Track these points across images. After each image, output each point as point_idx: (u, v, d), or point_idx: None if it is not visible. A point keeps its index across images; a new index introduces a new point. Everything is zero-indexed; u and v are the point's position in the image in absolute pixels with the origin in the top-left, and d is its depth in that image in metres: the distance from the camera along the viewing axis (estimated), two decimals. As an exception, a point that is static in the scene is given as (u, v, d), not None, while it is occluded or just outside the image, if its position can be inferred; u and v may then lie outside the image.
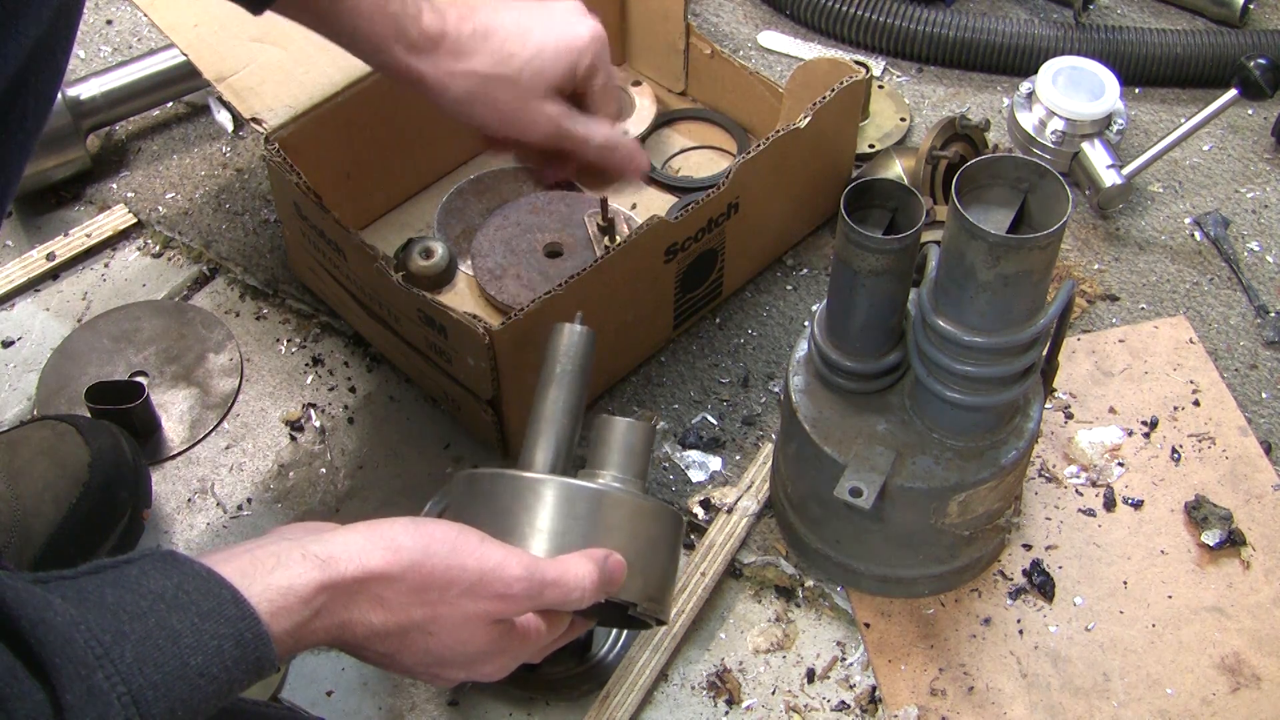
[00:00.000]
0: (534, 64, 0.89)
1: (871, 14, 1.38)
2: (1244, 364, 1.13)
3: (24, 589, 0.55)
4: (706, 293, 1.13)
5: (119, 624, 0.56)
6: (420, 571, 0.67)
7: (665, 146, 1.29)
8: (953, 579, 0.98)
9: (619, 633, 0.97)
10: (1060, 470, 1.05)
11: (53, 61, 0.74)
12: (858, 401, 0.91)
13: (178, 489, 1.06)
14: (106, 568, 0.60)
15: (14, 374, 1.14)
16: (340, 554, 0.65)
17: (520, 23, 0.90)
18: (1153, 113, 1.35)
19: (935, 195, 1.16)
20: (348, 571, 0.64)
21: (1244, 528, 1.02)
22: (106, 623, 0.56)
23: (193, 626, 0.58)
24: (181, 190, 1.26)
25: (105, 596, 0.58)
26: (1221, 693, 0.94)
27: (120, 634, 0.56)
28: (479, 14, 0.89)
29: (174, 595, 0.59)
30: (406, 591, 0.67)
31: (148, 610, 0.58)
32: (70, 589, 0.58)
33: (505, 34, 0.89)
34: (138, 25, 1.41)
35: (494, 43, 0.88)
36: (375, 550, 0.66)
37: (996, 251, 0.77)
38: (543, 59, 0.89)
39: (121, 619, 0.57)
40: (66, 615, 0.55)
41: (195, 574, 0.60)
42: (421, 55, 0.87)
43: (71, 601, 0.57)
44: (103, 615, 0.57)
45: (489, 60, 0.88)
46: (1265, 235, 1.24)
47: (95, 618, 0.56)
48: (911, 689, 0.94)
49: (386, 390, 1.12)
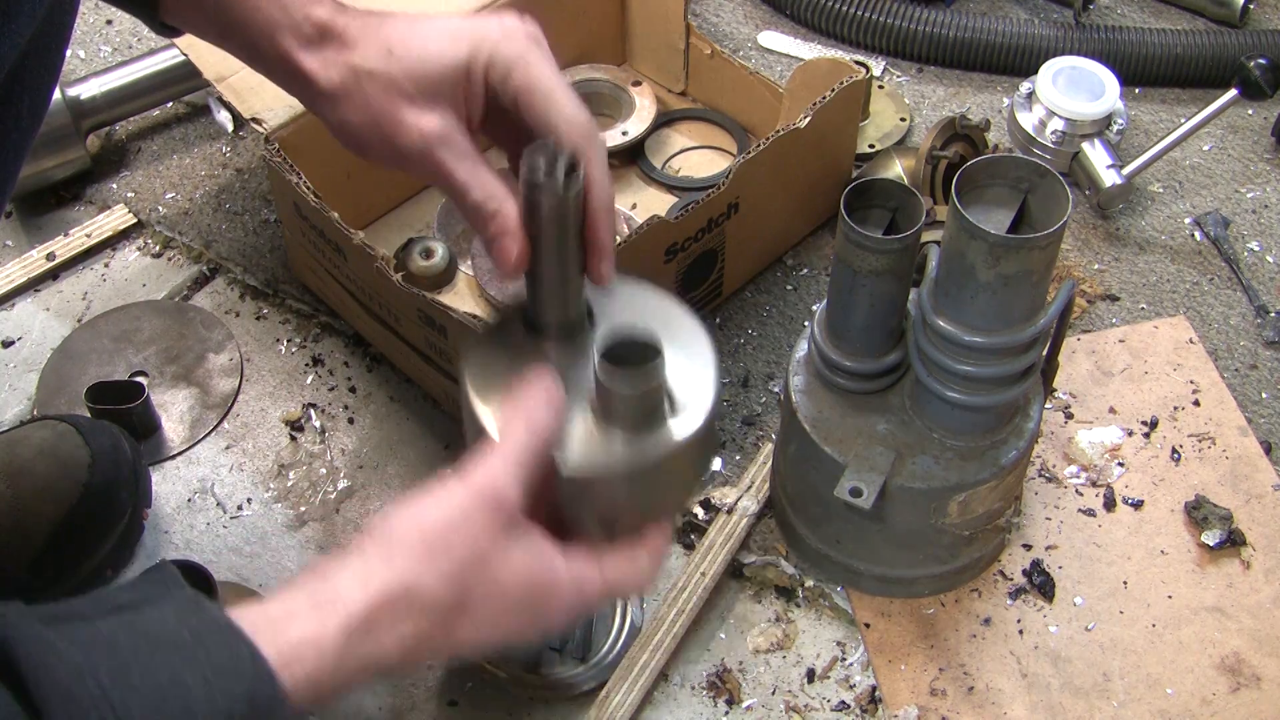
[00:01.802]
0: (414, 57, 0.72)
1: (871, 14, 1.38)
2: (1244, 364, 1.13)
3: (30, 633, 0.53)
4: (706, 293, 1.13)
5: (128, 676, 0.54)
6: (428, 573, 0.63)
7: (665, 146, 1.29)
8: (953, 579, 0.98)
9: (619, 633, 0.97)
10: (1060, 470, 1.05)
11: (48, 59, 0.74)
12: (858, 401, 0.91)
13: (178, 489, 1.06)
14: (125, 608, 0.57)
15: (14, 374, 1.14)
16: (345, 591, 0.61)
17: (416, 20, 0.74)
18: (1153, 113, 1.35)
19: (935, 195, 1.16)
20: (355, 608, 0.61)
21: (1244, 528, 1.02)
22: (115, 673, 0.54)
23: (204, 682, 0.55)
24: (181, 190, 1.26)
25: (119, 641, 0.55)
26: (1221, 693, 0.94)
27: (129, 687, 0.54)
28: (386, 14, 0.76)
29: (191, 647, 0.56)
30: (420, 596, 0.63)
31: (160, 663, 0.55)
32: (84, 632, 0.55)
33: (394, 28, 0.74)
34: (138, 25, 1.40)
35: (379, 34, 0.74)
36: (375, 573, 0.62)
37: (996, 251, 0.77)
38: (425, 52, 0.72)
39: (131, 671, 0.54)
40: (72, 664, 0.53)
41: (216, 626, 0.57)
42: (308, 47, 0.74)
43: (82, 645, 0.54)
44: (113, 663, 0.54)
45: (367, 52, 0.73)
46: (1265, 235, 1.24)
47: (105, 666, 0.54)
48: (911, 689, 0.94)
49: (386, 390, 1.12)
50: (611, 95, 1.29)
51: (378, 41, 0.73)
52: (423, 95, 0.72)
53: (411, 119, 0.72)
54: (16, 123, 0.73)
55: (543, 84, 0.72)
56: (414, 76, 0.72)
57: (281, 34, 0.74)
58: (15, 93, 0.71)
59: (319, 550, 1.02)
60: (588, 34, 1.29)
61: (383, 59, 0.72)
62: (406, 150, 0.73)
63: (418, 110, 0.72)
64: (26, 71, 0.71)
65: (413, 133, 0.72)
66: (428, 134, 0.72)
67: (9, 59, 0.67)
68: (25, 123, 0.74)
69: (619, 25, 1.31)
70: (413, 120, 0.72)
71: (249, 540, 1.03)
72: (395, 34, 0.73)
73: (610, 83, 1.29)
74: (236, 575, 1.01)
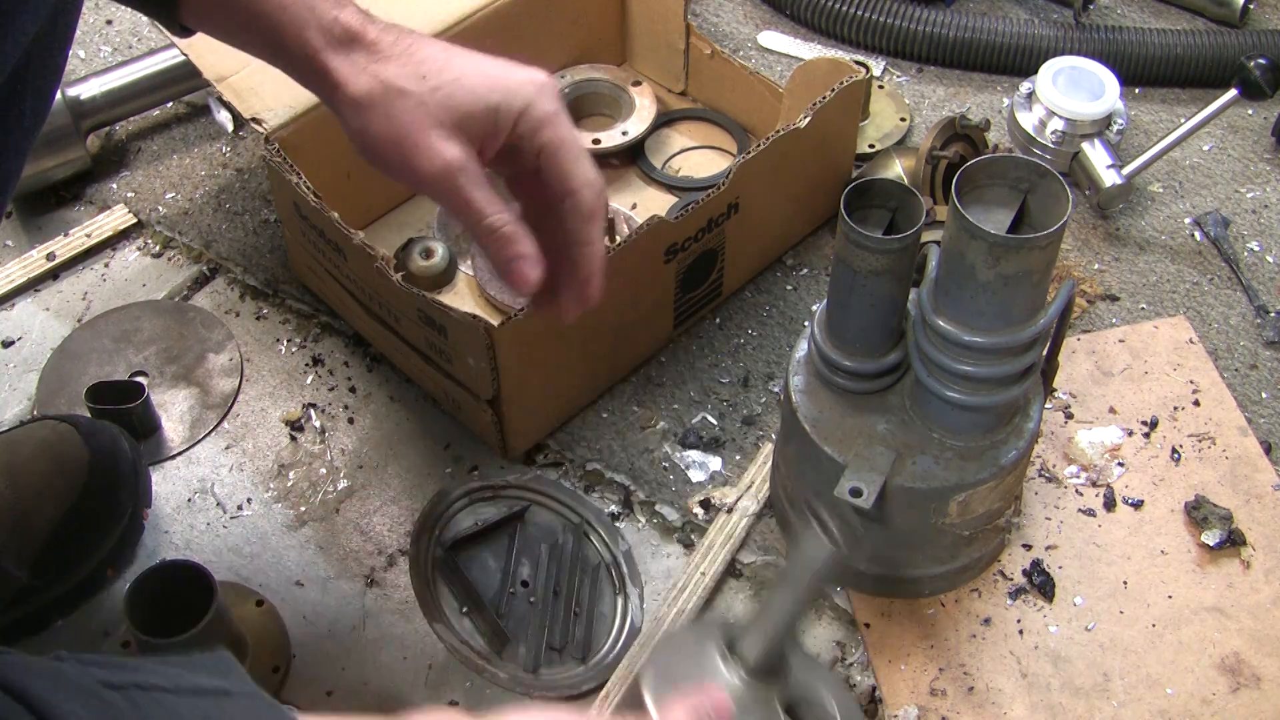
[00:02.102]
0: (448, 88, 0.76)
1: (871, 14, 1.38)
2: (1244, 364, 1.13)
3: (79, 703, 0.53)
4: (706, 293, 1.13)
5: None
6: None
7: (665, 146, 1.29)
8: (953, 579, 0.98)
9: (619, 633, 0.97)
10: (1060, 470, 1.05)
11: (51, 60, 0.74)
12: (858, 401, 0.91)
13: (178, 489, 1.06)
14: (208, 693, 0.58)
15: (14, 374, 1.14)
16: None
17: (450, 50, 0.78)
18: (1153, 113, 1.35)
19: (935, 195, 1.16)
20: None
21: (1244, 528, 1.02)
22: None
23: None
24: (181, 190, 1.26)
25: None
26: (1221, 693, 0.94)
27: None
28: (412, 33, 0.79)
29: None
30: None
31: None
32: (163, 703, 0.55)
33: (429, 53, 0.78)
34: (138, 25, 1.41)
35: (414, 55, 0.77)
36: None
37: (996, 251, 0.77)
38: (459, 86, 0.76)
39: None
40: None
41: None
42: (336, 49, 0.77)
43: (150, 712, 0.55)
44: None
45: (401, 70, 0.77)
46: (1265, 235, 1.24)
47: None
48: (911, 689, 0.94)
49: (386, 390, 1.12)
50: (611, 95, 1.29)
51: (413, 62, 0.77)
52: (450, 124, 0.76)
53: (437, 144, 0.75)
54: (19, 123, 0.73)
55: (570, 145, 0.78)
56: (446, 106, 0.76)
57: (310, 32, 0.77)
58: (18, 93, 0.71)
59: (319, 550, 1.02)
60: (588, 34, 1.29)
61: (416, 81, 0.76)
62: (425, 172, 0.76)
63: (443, 137, 0.75)
64: (30, 72, 0.71)
65: (436, 158, 0.75)
66: (450, 161, 0.75)
67: (12, 59, 0.67)
68: (28, 123, 0.74)
69: (619, 25, 1.31)
70: (438, 146, 0.75)
71: (249, 540, 1.03)
72: (431, 59, 0.77)
73: (610, 83, 1.29)
74: (236, 575, 1.01)
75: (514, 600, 0.98)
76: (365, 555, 1.02)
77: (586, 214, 0.78)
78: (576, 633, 0.97)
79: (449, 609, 0.97)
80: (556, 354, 1.02)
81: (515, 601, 0.98)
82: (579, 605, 0.98)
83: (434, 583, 0.98)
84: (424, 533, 1.00)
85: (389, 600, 1.00)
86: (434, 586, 0.98)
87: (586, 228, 0.79)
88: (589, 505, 1.04)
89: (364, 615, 0.99)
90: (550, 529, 1.02)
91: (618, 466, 1.06)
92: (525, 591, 0.98)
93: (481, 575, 0.99)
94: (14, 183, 0.77)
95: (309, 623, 0.98)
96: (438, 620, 0.95)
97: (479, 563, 1.00)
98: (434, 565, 0.98)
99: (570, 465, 1.07)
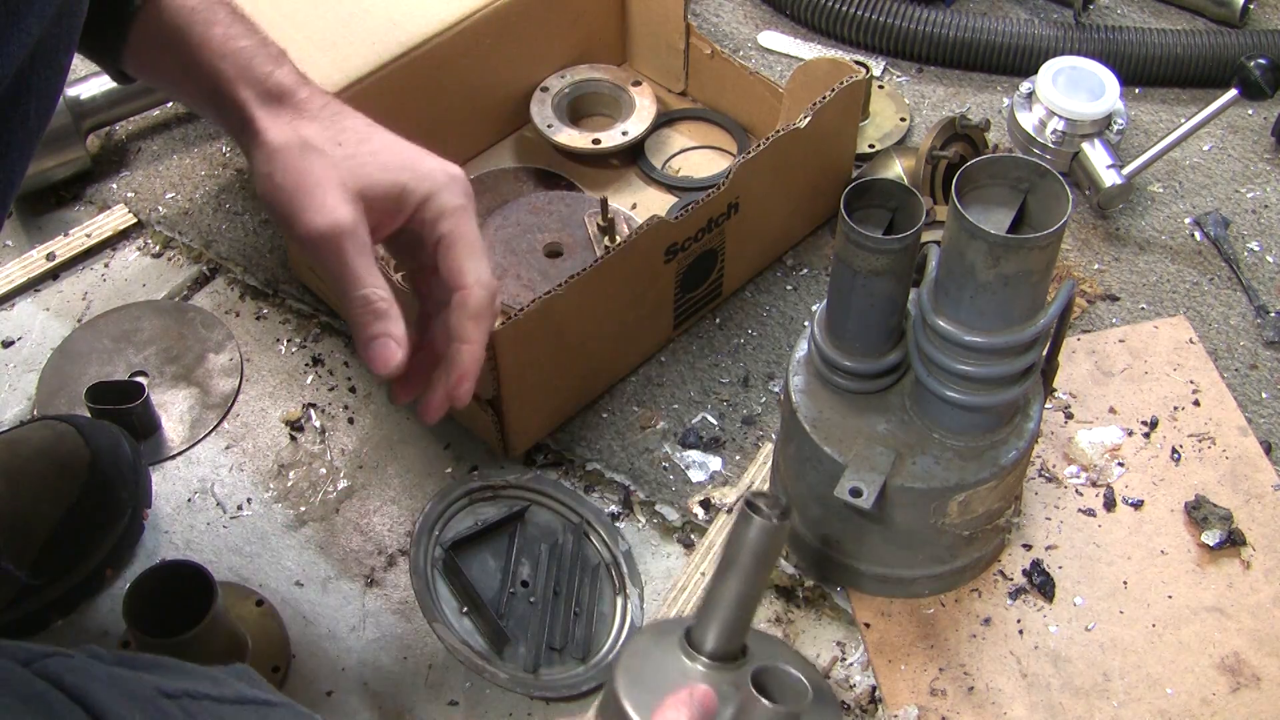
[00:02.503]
0: (361, 157, 0.77)
1: (871, 14, 1.38)
2: (1244, 364, 1.13)
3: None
4: (706, 293, 1.13)
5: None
6: None
7: (665, 146, 1.29)
8: (953, 579, 0.98)
9: (619, 633, 0.97)
10: (1060, 470, 1.05)
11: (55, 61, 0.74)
12: (858, 401, 0.91)
13: (178, 489, 1.06)
14: (251, 702, 0.58)
15: (14, 374, 1.14)
16: None
17: (373, 127, 0.80)
18: (1153, 113, 1.35)
19: (935, 195, 1.16)
20: None
21: (1244, 528, 1.02)
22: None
23: None
24: (181, 190, 1.26)
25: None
26: (1221, 693, 0.94)
27: None
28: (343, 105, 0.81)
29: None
30: None
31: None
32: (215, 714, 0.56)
33: (352, 123, 0.79)
34: (138, 25, 1.41)
35: (337, 122, 0.79)
36: None
37: (996, 251, 0.77)
38: (372, 158, 0.78)
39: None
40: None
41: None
42: (265, 103, 0.78)
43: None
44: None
45: (321, 131, 0.78)
46: (1265, 235, 1.24)
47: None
48: (911, 689, 0.94)
49: (386, 390, 1.12)
50: (611, 95, 1.29)
51: (335, 128, 0.78)
52: (353, 189, 0.76)
53: (332, 202, 0.75)
54: (23, 124, 0.73)
55: (468, 239, 0.79)
56: (355, 173, 0.76)
57: (242, 86, 0.78)
58: (22, 94, 0.71)
59: (319, 550, 1.02)
60: (588, 34, 1.29)
61: (331, 144, 0.77)
62: (314, 225, 0.75)
63: (341, 199, 0.75)
64: (34, 73, 0.71)
65: (328, 214, 0.75)
66: (341, 220, 0.75)
67: (16, 59, 0.67)
68: (32, 124, 0.74)
69: (619, 25, 1.31)
70: (333, 204, 0.75)
71: (249, 540, 1.03)
72: (352, 129, 0.78)
73: (610, 83, 1.29)
74: (236, 575, 1.01)
75: (514, 600, 0.98)
76: (365, 555, 1.02)
77: (473, 312, 0.78)
78: (576, 633, 0.97)
79: (449, 609, 0.97)
80: (556, 354, 1.02)
81: (515, 601, 0.98)
82: (579, 605, 0.98)
83: (434, 583, 0.98)
84: (424, 533, 1.00)
85: (389, 600, 1.00)
86: (434, 586, 0.98)
87: (470, 326, 0.78)
88: (589, 505, 1.04)
89: (364, 615, 0.99)
90: (550, 529, 1.02)
91: (618, 466, 1.06)
92: (525, 591, 0.98)
93: (481, 575, 0.99)
94: (18, 183, 0.77)
95: (309, 623, 0.98)
96: (437, 620, 0.95)
97: (479, 563, 1.00)
98: (434, 565, 0.98)
99: (570, 465, 1.07)
